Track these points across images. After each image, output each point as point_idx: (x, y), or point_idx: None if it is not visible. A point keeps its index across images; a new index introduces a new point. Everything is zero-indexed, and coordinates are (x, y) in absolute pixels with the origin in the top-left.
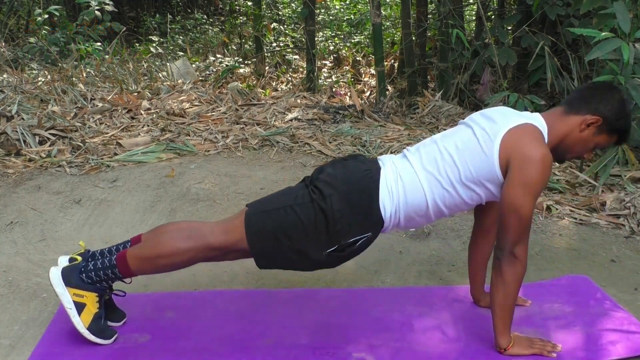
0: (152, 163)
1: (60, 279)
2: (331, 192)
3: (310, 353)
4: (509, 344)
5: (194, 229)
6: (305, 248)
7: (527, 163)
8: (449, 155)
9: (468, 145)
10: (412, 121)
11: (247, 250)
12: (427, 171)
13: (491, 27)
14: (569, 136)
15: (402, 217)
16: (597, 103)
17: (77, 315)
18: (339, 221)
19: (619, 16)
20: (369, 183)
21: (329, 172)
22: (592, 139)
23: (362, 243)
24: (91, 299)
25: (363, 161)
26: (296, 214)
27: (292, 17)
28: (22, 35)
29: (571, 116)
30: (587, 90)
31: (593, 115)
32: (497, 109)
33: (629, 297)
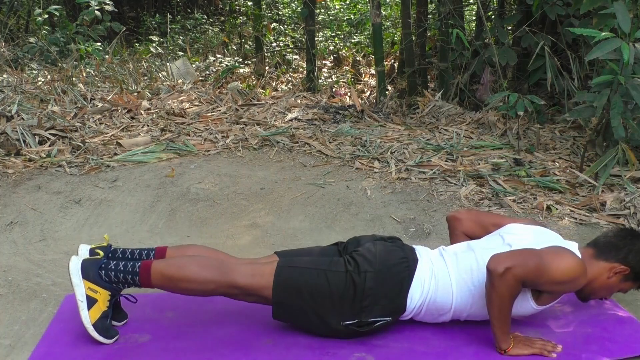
0: (152, 163)
1: (79, 270)
2: (368, 268)
3: (310, 353)
4: (509, 346)
5: (223, 262)
6: (325, 313)
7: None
8: (485, 268)
9: None
10: (412, 121)
11: (268, 297)
12: (462, 278)
13: (491, 27)
14: (596, 280)
15: (424, 311)
16: (627, 252)
17: (86, 309)
18: (367, 298)
19: (619, 16)
20: (404, 272)
21: (369, 248)
22: (617, 285)
23: (380, 325)
24: (104, 297)
25: (402, 247)
26: (327, 279)
27: (292, 17)
28: (22, 35)
29: (600, 262)
30: (617, 238)
31: (622, 265)
32: (537, 231)
33: (629, 297)
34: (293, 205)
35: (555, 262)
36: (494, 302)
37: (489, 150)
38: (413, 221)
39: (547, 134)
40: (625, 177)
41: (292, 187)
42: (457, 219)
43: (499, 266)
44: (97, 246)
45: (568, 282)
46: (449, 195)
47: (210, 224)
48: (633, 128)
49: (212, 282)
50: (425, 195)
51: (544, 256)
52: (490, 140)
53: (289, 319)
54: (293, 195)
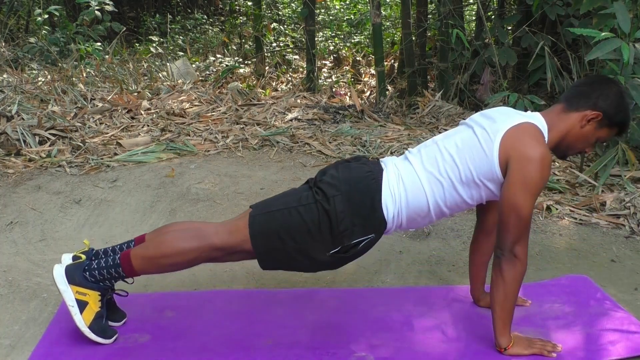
0: (152, 163)
1: (63, 277)
2: (334, 193)
3: (310, 353)
4: (509, 344)
5: (198, 229)
6: (308, 249)
7: (526, 162)
8: (449, 155)
9: (468, 145)
10: (412, 121)
11: (250, 251)
12: (428, 172)
13: (491, 27)
14: (570, 133)
15: (405, 218)
16: (596, 98)
17: (79, 313)
18: (342, 222)
19: (619, 16)
20: (371, 184)
21: (332, 173)
22: (593, 134)
23: (365, 244)
24: (94, 298)
25: (365, 162)
26: (300, 215)
27: (292, 17)
28: (22, 35)
29: (571, 113)
30: (585, 86)
31: (593, 111)
32: (498, 109)
33: (629, 297)
34: None
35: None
36: (500, 287)
37: None
38: None
39: None
40: (625, 177)
41: (292, 187)
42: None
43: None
44: (79, 252)
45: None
46: None
47: None
48: (633, 128)
49: (191, 250)
50: None
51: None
52: None
53: (276, 265)
54: None
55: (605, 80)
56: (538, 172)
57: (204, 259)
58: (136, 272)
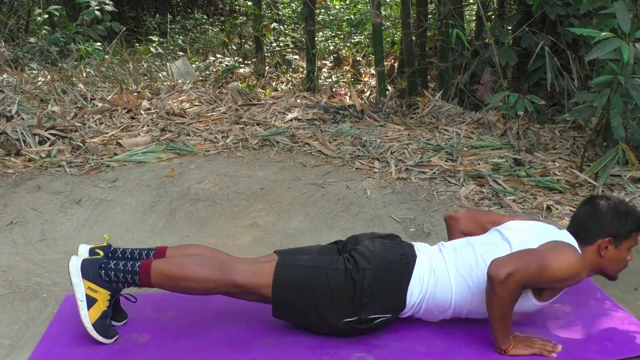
0: (152, 163)
1: (78, 270)
2: (366, 266)
3: (310, 353)
4: (509, 347)
5: (223, 261)
6: (325, 311)
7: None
8: (484, 264)
9: None
10: (412, 121)
11: (268, 296)
12: (460, 274)
13: (491, 27)
14: (597, 263)
15: (424, 308)
16: (599, 227)
17: (86, 309)
18: (366, 296)
19: (619, 16)
20: (403, 269)
21: (367, 245)
22: (618, 252)
23: (379, 322)
24: (103, 297)
25: (400, 244)
26: (327, 277)
27: (292, 17)
28: (22, 35)
29: (588, 248)
30: (584, 219)
31: (603, 239)
32: (534, 226)
33: (629, 297)
34: (293, 205)
35: (556, 260)
36: (495, 307)
37: (489, 150)
38: (413, 221)
39: (547, 134)
40: (625, 177)
41: (292, 187)
42: (455, 219)
43: (499, 272)
44: (97, 246)
45: (569, 278)
46: (449, 195)
47: (210, 224)
48: (633, 128)
49: (211, 280)
50: (425, 195)
51: (544, 255)
52: (490, 140)
53: (289, 318)
54: (293, 195)
55: (593, 202)
56: (565, 263)
57: (220, 292)
58: (152, 285)
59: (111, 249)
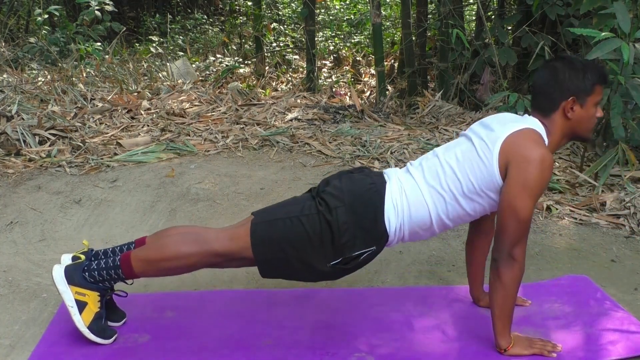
0: (152, 163)
1: (63, 277)
2: (337, 204)
3: (310, 353)
4: (509, 345)
5: (199, 234)
6: (309, 259)
7: (526, 164)
8: (450, 168)
9: (468, 157)
10: (412, 121)
11: (251, 258)
12: (430, 185)
13: (491, 27)
14: (567, 128)
15: (407, 231)
16: (559, 90)
17: (78, 314)
18: (345, 234)
19: (619, 16)
20: (374, 197)
21: (335, 184)
22: (586, 111)
23: (366, 256)
24: (93, 298)
25: (369, 174)
26: (302, 225)
27: (292, 17)
28: (22, 35)
29: (553, 115)
30: (540, 86)
31: (566, 100)
32: (496, 117)
33: (629, 297)
34: None
35: (533, 176)
36: (498, 290)
37: None
38: None
39: None
40: (625, 177)
41: (292, 187)
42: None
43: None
44: (78, 252)
45: (547, 175)
46: None
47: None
48: (633, 128)
49: (192, 255)
50: None
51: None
52: None
53: (276, 274)
54: (293, 195)
55: (548, 66)
56: (538, 173)
57: (204, 264)
58: (136, 275)
59: (93, 252)
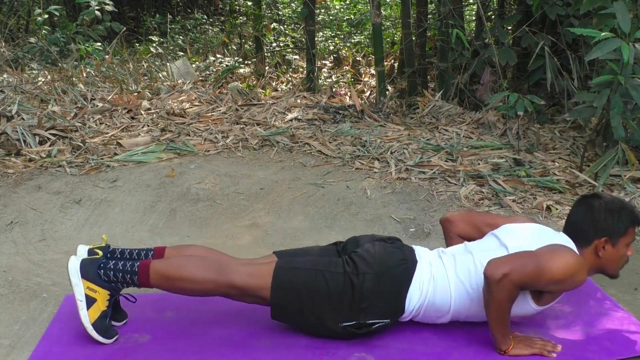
0: (152, 163)
1: (78, 270)
2: (366, 270)
3: (310, 353)
4: (509, 347)
5: (222, 263)
6: (324, 314)
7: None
8: (482, 270)
9: None
10: (412, 121)
11: (267, 298)
12: (460, 280)
13: (491, 27)
14: (596, 264)
15: (423, 313)
16: (593, 228)
17: (85, 309)
18: (366, 300)
19: (619, 16)
20: (403, 274)
21: (369, 249)
22: (616, 251)
23: (378, 327)
24: (103, 296)
25: (401, 248)
26: (325, 280)
27: (292, 17)
28: (22, 35)
29: (585, 249)
30: (578, 221)
31: (599, 239)
32: (531, 230)
33: (629, 297)
34: (293, 205)
35: (553, 261)
36: (492, 307)
37: (489, 150)
38: (413, 221)
39: (547, 134)
40: (625, 177)
41: (292, 187)
42: (450, 221)
43: (495, 272)
44: (96, 246)
45: (567, 280)
46: (449, 195)
47: (210, 224)
48: (633, 128)
49: (210, 282)
50: (425, 195)
51: (541, 257)
52: (490, 140)
53: (287, 320)
54: (293, 195)
55: (585, 203)
56: (563, 264)
57: (218, 293)
58: (151, 285)
59: (110, 249)
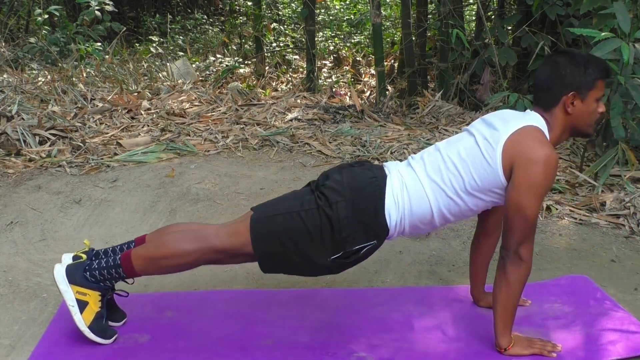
0: (152, 163)
1: (64, 276)
2: (338, 199)
3: (310, 353)
4: (509, 344)
5: (198, 231)
6: (310, 253)
7: (531, 164)
8: (452, 164)
9: (471, 154)
10: (412, 121)
11: (251, 253)
12: (432, 180)
13: (491, 27)
14: (567, 122)
15: (407, 226)
16: (560, 84)
17: (79, 313)
18: (345, 228)
19: (619, 16)
20: (375, 191)
21: (336, 178)
22: (586, 106)
23: (367, 250)
24: (94, 298)
25: (369, 168)
26: (302, 220)
27: (292, 17)
28: (22, 35)
29: (553, 110)
30: (542, 81)
31: (567, 94)
32: (498, 114)
33: (629, 297)
34: None
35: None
36: (503, 288)
37: None
38: None
39: None
40: (625, 177)
41: (292, 187)
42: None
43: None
44: (80, 252)
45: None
46: None
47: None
48: (633, 128)
49: (192, 252)
50: None
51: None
52: None
53: (277, 269)
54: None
55: (550, 60)
56: (542, 173)
57: (204, 261)
58: (137, 273)
59: (94, 252)
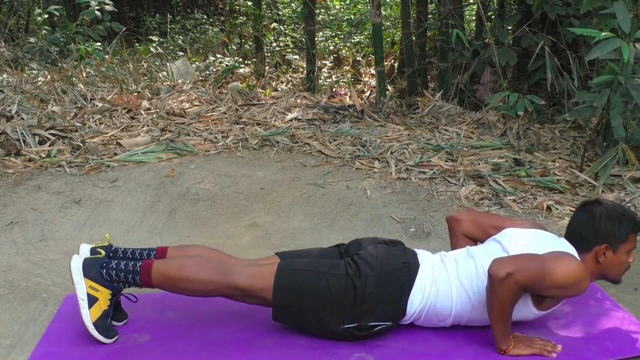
0: (152, 163)
1: (80, 268)
2: (369, 272)
3: (310, 353)
4: (509, 347)
5: (224, 263)
6: (325, 317)
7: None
8: (484, 274)
9: None
10: (412, 121)
11: (268, 299)
12: (462, 284)
13: (491, 27)
14: (597, 270)
15: (424, 317)
16: (594, 235)
17: (87, 308)
18: (367, 302)
19: (619, 16)
20: (405, 277)
21: (371, 251)
22: (617, 257)
23: (379, 329)
24: (104, 296)
25: (403, 251)
26: (327, 282)
27: (292, 17)
28: (22, 35)
29: (584, 255)
30: (578, 227)
31: (600, 246)
32: (534, 235)
33: (629, 297)
34: (293, 205)
35: (557, 266)
36: (495, 306)
37: (489, 150)
38: (413, 221)
39: (547, 134)
40: (625, 177)
41: (292, 187)
42: (457, 220)
43: (500, 271)
44: (99, 245)
45: (571, 286)
46: (449, 195)
47: (210, 224)
48: (633, 128)
49: (212, 282)
50: (425, 195)
51: (546, 261)
52: (490, 140)
53: (288, 321)
54: (293, 195)
55: (586, 209)
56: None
57: (220, 294)
58: (152, 285)
59: (112, 249)
